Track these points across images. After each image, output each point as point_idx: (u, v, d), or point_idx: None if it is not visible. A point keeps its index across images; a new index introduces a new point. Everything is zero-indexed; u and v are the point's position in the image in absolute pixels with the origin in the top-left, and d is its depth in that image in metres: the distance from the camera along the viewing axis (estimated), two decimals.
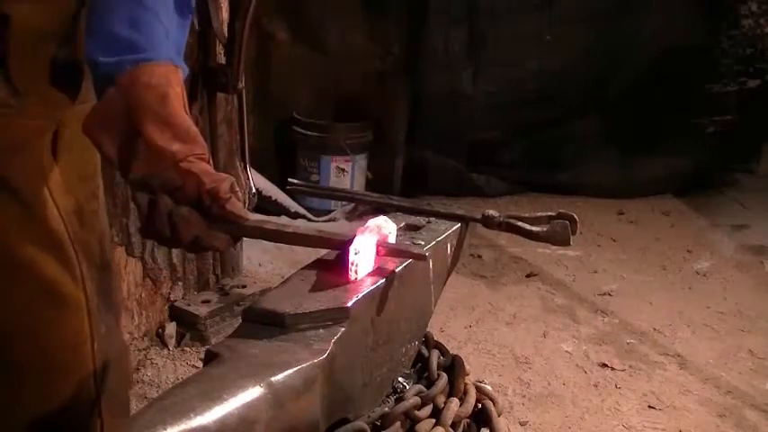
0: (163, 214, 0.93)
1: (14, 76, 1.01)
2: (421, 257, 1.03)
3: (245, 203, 2.69)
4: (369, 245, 0.99)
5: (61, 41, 1.06)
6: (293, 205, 3.63)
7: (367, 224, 1.03)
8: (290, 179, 1.33)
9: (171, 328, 2.50)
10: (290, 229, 1.04)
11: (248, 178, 2.66)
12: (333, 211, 3.74)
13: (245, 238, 1.03)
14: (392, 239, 1.05)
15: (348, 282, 0.98)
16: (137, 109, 0.94)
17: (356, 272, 0.97)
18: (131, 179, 0.95)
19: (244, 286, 2.69)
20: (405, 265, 1.03)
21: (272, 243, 1.12)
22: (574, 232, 1.09)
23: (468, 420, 1.13)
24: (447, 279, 1.22)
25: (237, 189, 0.98)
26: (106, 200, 1.26)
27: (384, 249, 1.01)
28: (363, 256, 0.98)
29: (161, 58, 0.97)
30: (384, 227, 1.03)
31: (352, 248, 0.97)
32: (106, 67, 0.96)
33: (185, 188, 0.93)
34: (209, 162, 0.98)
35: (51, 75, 1.05)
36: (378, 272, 1.00)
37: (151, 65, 0.96)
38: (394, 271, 1.01)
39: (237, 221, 0.96)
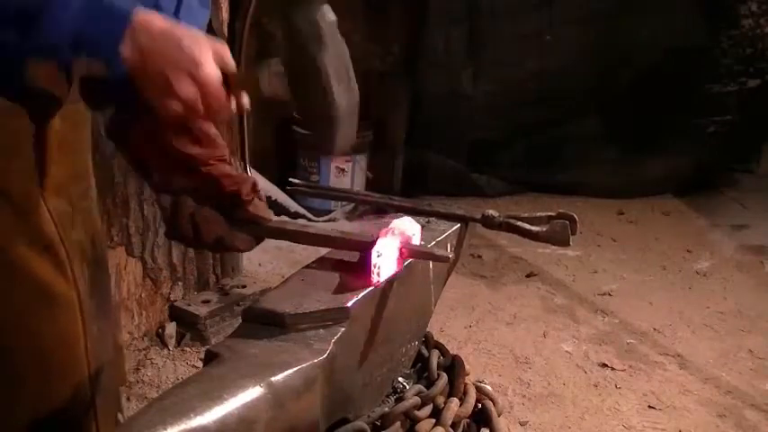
0: (186, 216, 0.93)
1: None
2: (445, 259, 1.03)
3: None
4: (392, 247, 0.99)
5: None
6: (293, 205, 3.63)
7: (390, 225, 1.03)
8: (290, 179, 1.33)
9: (171, 328, 2.50)
10: (312, 230, 1.04)
11: None
12: (333, 211, 3.75)
13: None
14: (416, 241, 1.04)
15: (348, 281, 0.98)
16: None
17: (378, 274, 0.97)
18: (155, 184, 0.95)
19: (244, 286, 2.69)
20: (405, 265, 1.03)
21: (273, 243, 1.12)
22: (574, 232, 1.09)
23: (468, 420, 1.13)
24: (447, 279, 1.22)
25: (259, 189, 0.98)
26: (106, 200, 1.26)
27: (407, 251, 1.01)
28: (387, 257, 0.98)
29: None
30: (408, 228, 1.03)
31: (375, 250, 0.97)
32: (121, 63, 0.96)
33: (207, 191, 0.94)
34: (230, 163, 0.99)
35: (44, 76, 1.05)
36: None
37: None
38: (409, 263, 1.01)
39: (260, 222, 0.96)
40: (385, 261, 0.97)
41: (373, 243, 0.98)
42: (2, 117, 1.02)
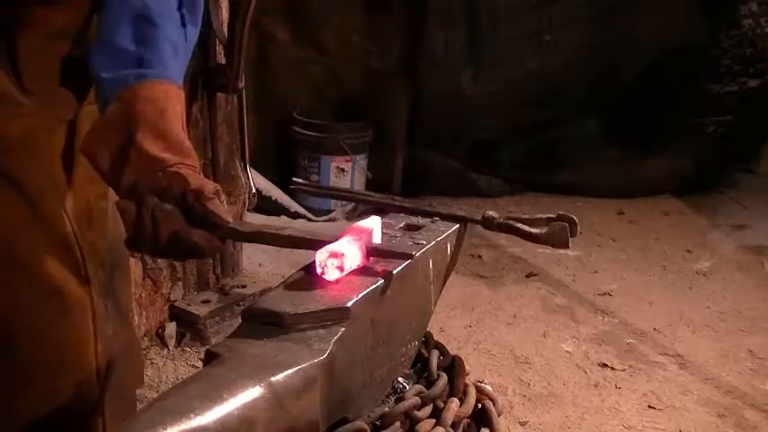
0: (147, 213, 0.93)
1: (24, 75, 1.02)
2: (408, 257, 1.03)
3: (244, 203, 2.69)
4: (348, 247, 0.99)
5: (73, 41, 1.06)
6: (293, 205, 3.64)
7: (353, 225, 1.03)
8: (294, 179, 1.33)
9: (171, 328, 2.50)
10: (272, 230, 1.04)
11: (248, 178, 2.67)
12: (333, 211, 3.75)
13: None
14: (377, 239, 1.05)
15: (348, 281, 0.98)
16: (134, 120, 0.95)
17: (325, 272, 0.97)
18: (122, 187, 0.95)
19: (244, 286, 2.69)
20: (405, 264, 1.03)
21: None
22: (573, 234, 1.08)
23: (468, 420, 1.13)
24: (447, 279, 1.22)
25: (223, 198, 0.98)
26: None
27: (369, 250, 1.01)
28: (341, 257, 0.97)
29: (165, 75, 0.99)
30: (368, 228, 1.03)
31: (323, 250, 0.97)
32: (110, 82, 0.97)
33: (171, 188, 0.93)
34: (199, 174, 0.99)
35: (62, 74, 1.06)
36: (373, 272, 1.00)
37: (152, 82, 0.97)
38: (391, 271, 1.01)
39: (218, 222, 0.96)
40: (336, 261, 0.97)
41: (326, 242, 0.98)
42: (17, 114, 1.03)
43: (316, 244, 0.99)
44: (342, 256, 0.97)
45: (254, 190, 2.68)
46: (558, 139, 4.12)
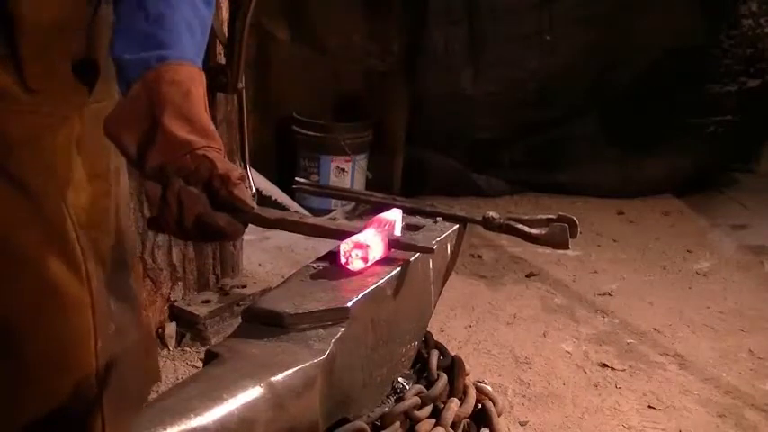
0: (173, 195, 0.94)
1: (27, 74, 1.02)
2: (428, 250, 1.03)
3: None
4: (372, 238, 0.99)
5: (77, 39, 1.07)
6: (293, 205, 3.64)
7: (374, 217, 1.04)
8: (297, 178, 1.34)
9: (171, 328, 2.50)
10: (296, 218, 1.05)
11: (248, 178, 2.66)
12: (333, 210, 3.75)
13: (244, 240, 1.04)
14: (397, 232, 1.05)
15: (348, 281, 0.98)
16: (159, 102, 0.95)
17: (350, 263, 0.98)
18: (148, 169, 0.96)
19: (244, 286, 2.69)
20: (404, 265, 1.03)
21: (273, 242, 1.13)
22: (573, 236, 1.09)
23: (468, 420, 1.13)
24: (447, 279, 1.22)
25: (248, 183, 0.99)
26: None
27: (390, 242, 1.02)
28: (365, 248, 0.98)
29: (184, 57, 0.99)
30: (390, 220, 1.04)
31: (348, 240, 0.98)
32: (132, 64, 0.98)
33: (198, 171, 0.94)
34: (224, 157, 1.00)
35: (65, 72, 1.06)
36: (393, 263, 1.01)
37: (175, 64, 0.98)
38: (408, 260, 1.01)
39: (243, 208, 0.97)
40: (362, 251, 0.98)
41: (352, 233, 0.98)
42: (20, 112, 1.03)
43: (340, 234, 1.00)
44: (366, 248, 0.98)
45: (254, 190, 2.68)
46: (558, 139, 4.12)
